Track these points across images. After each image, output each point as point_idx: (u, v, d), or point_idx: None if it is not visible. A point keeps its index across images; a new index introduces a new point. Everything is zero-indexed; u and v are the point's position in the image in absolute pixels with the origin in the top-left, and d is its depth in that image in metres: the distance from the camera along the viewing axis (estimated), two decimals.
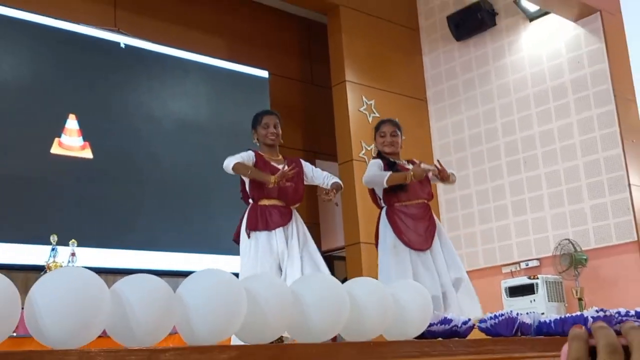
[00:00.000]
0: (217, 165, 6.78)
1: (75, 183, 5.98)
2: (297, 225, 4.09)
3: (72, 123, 6.02)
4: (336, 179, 4.32)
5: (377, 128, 4.58)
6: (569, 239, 6.55)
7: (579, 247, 6.46)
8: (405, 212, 4.30)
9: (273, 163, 4.15)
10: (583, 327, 0.66)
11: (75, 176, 5.99)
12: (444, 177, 4.35)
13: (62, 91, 6.07)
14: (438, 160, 4.55)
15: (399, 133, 4.49)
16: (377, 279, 2.79)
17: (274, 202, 4.02)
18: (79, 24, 6.31)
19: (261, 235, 3.94)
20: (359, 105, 7.33)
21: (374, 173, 4.31)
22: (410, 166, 4.40)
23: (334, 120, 7.30)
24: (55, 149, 5.88)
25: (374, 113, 7.40)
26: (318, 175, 4.29)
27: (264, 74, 7.46)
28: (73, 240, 4.93)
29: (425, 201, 4.41)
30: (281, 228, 3.98)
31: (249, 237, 3.95)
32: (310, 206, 7.33)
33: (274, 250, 3.94)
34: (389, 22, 7.83)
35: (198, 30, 7.27)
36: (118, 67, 6.48)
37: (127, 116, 6.44)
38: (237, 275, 3.88)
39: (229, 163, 3.97)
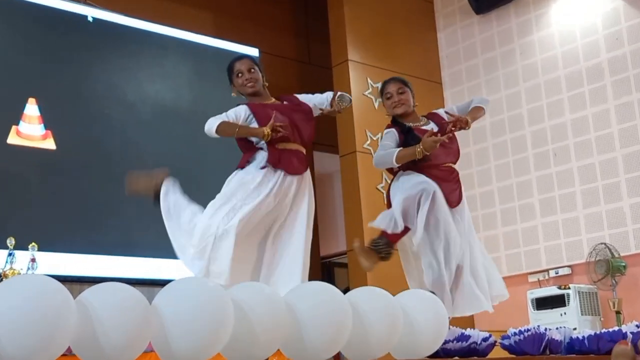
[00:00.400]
0: (201, 156, 6.81)
1: (36, 178, 5.96)
2: (307, 184, 4.11)
3: (31, 109, 6.00)
4: (342, 92, 4.36)
5: (381, 91, 4.53)
6: (605, 243, 6.54)
7: (616, 252, 6.46)
8: (428, 172, 4.18)
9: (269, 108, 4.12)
10: (629, 343, 0.66)
11: (36, 170, 5.97)
12: (464, 124, 4.20)
13: (20, 72, 6.05)
14: (446, 112, 4.46)
15: (408, 89, 4.42)
16: (385, 290, 2.78)
17: (292, 145, 4.02)
18: None
19: (276, 175, 3.92)
20: (364, 89, 7.33)
21: (382, 153, 4.29)
22: (430, 125, 4.32)
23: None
24: (12, 139, 5.87)
25: (381, 97, 7.38)
26: (320, 100, 4.26)
27: (255, 52, 7.42)
28: (33, 243, 4.93)
29: (452, 165, 4.31)
30: (294, 177, 4.00)
31: (262, 168, 3.93)
32: None
33: (284, 195, 3.94)
34: None
35: (179, 2, 7.24)
36: (85, 44, 6.46)
37: (96, 101, 6.43)
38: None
39: (211, 125, 3.93)
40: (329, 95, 4.25)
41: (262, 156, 3.96)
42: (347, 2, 7.43)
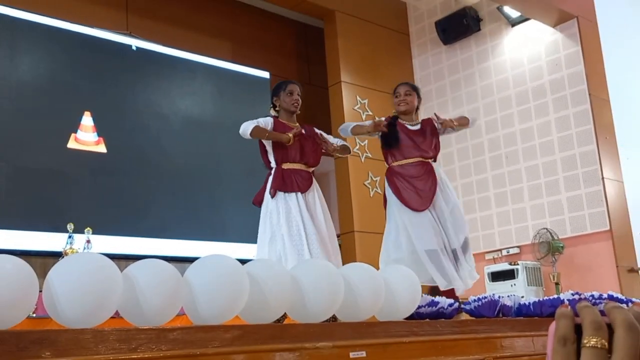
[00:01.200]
0: (222, 158, 6.82)
1: (90, 175, 5.97)
2: (317, 193, 3.98)
3: (87, 120, 6.01)
4: (346, 144, 4.28)
5: (393, 91, 4.46)
6: (546, 228, 6.55)
7: (556, 235, 6.47)
8: (402, 172, 4.14)
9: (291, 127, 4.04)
10: (569, 307, 0.66)
11: (90, 169, 5.97)
12: (448, 125, 4.19)
13: (78, 90, 6.05)
14: (435, 114, 4.37)
15: (415, 93, 4.35)
16: (371, 265, 2.78)
17: (297, 165, 3.88)
18: (94, 27, 6.28)
19: (288, 196, 3.79)
20: (354, 104, 7.32)
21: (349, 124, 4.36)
22: (416, 127, 4.27)
23: (330, 118, 7.27)
24: (71, 144, 5.87)
25: (367, 111, 7.38)
26: (331, 140, 4.18)
27: (265, 74, 7.44)
28: (88, 228, 4.92)
29: (422, 159, 4.22)
30: (302, 193, 3.84)
31: (273, 197, 3.78)
32: None
33: (300, 211, 3.78)
34: (381, 27, 7.82)
35: (204, 34, 7.24)
36: (130, 68, 6.46)
37: (138, 113, 6.43)
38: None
39: (247, 128, 3.77)
40: (338, 141, 4.18)
41: (269, 186, 3.83)
42: (341, 34, 7.41)
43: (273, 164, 3.88)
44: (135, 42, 6.51)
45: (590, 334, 0.63)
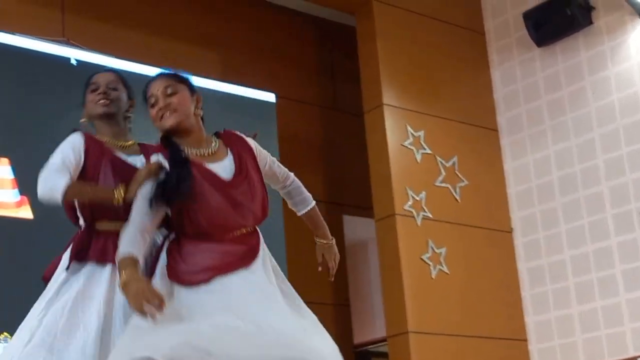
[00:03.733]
0: None
1: (9, 252, 5.93)
2: None
3: (4, 170, 6.03)
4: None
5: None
6: None
7: None
8: None
9: (119, 153, 3.74)
10: None
11: (9, 242, 5.96)
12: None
13: None
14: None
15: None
16: None
17: (116, 225, 3.53)
18: (14, 34, 6.36)
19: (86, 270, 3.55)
20: (403, 138, 7.30)
21: None
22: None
23: (368, 159, 7.26)
24: None
25: (424, 148, 7.36)
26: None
27: (270, 97, 7.46)
28: (5, 334, 4.90)
29: None
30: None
31: (67, 268, 3.58)
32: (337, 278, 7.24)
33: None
34: (442, 22, 7.89)
35: (181, 41, 7.33)
36: (68, 91, 6.47)
37: None
38: None
39: (54, 187, 3.43)
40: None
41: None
42: (381, 34, 7.44)
43: (82, 222, 3.68)
44: (75, 54, 6.57)
45: None
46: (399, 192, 7.07)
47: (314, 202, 3.92)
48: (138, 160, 3.69)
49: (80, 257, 3.55)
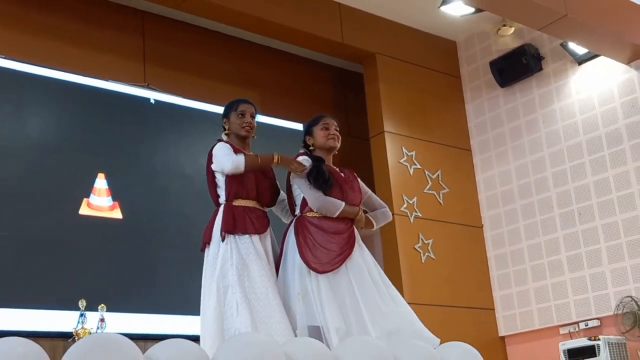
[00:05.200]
0: None
1: (104, 245, 5.99)
2: (271, 237, 3.81)
3: (101, 182, 6.08)
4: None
5: (317, 120, 4.17)
6: (631, 296, 6.39)
7: None
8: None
9: None
10: None
11: (104, 238, 6.01)
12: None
13: (90, 149, 6.14)
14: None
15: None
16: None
17: (250, 203, 3.74)
18: (108, 80, 6.43)
19: (239, 239, 3.62)
20: (399, 157, 7.33)
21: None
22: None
23: (373, 173, 7.28)
24: (83, 210, 5.93)
25: (415, 164, 7.39)
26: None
27: (299, 126, 7.47)
28: (102, 304, 4.95)
29: None
30: (258, 236, 3.68)
31: (223, 240, 3.63)
32: None
33: (261, 255, 3.62)
34: (428, 70, 7.87)
35: (229, 83, 7.29)
36: (148, 123, 6.56)
37: (157, 174, 6.49)
38: None
39: (239, 162, 3.64)
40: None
41: (218, 226, 3.68)
42: (382, 78, 7.48)
43: (222, 200, 3.75)
44: (153, 95, 6.65)
45: None
46: (396, 198, 7.10)
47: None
48: None
49: (230, 230, 3.62)
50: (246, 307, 3.41)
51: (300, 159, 3.87)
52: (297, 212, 3.84)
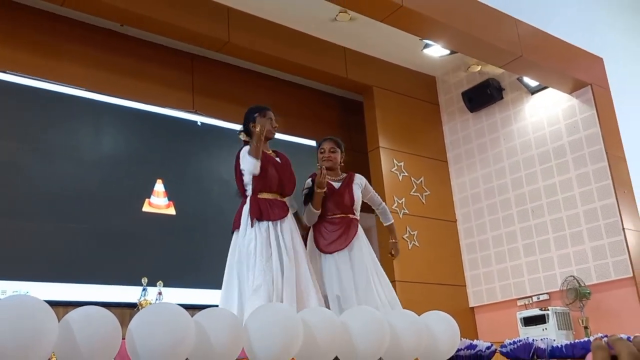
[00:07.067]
0: None
1: (161, 235, 6.03)
2: (293, 223, 3.65)
3: (159, 186, 6.12)
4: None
5: (318, 146, 4.16)
6: (573, 276, 6.35)
7: (582, 282, 6.26)
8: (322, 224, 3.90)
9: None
10: (603, 339, 0.65)
11: (161, 229, 6.04)
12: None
13: (151, 161, 6.19)
14: (391, 252, 4.28)
15: (339, 150, 4.05)
16: (412, 311, 2.73)
17: (272, 195, 3.61)
18: (165, 107, 6.47)
19: (262, 225, 3.51)
20: (391, 167, 7.33)
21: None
22: (339, 184, 3.99)
23: (370, 179, 7.27)
24: (145, 208, 5.97)
25: (404, 172, 7.39)
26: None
27: (312, 143, 7.50)
28: (160, 281, 4.97)
29: (342, 215, 3.99)
30: (278, 221, 3.54)
31: (252, 226, 3.53)
32: None
33: (276, 239, 3.51)
34: (414, 99, 7.86)
35: None
36: (195, 140, 6.60)
37: (202, 179, 6.52)
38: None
39: (250, 161, 3.53)
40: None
41: (246, 215, 3.54)
42: (378, 106, 7.48)
43: (249, 192, 3.65)
44: (200, 119, 6.68)
45: None
46: (389, 198, 7.10)
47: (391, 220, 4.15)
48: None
49: (259, 217, 3.54)
50: (262, 282, 3.33)
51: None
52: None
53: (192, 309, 4.93)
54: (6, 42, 5.73)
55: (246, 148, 3.68)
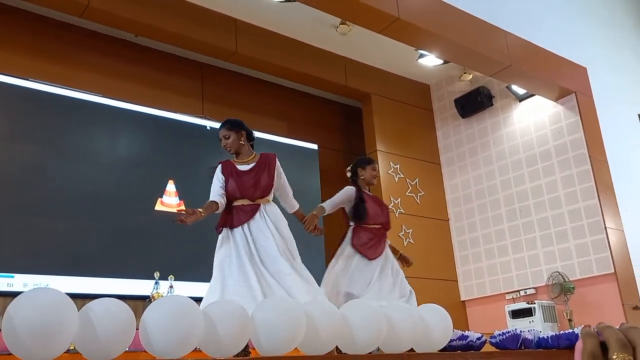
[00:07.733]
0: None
1: (173, 232, 5.99)
2: (266, 221, 3.46)
3: (171, 186, 6.11)
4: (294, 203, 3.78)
5: (365, 162, 4.16)
6: (558, 272, 6.35)
7: (567, 278, 6.26)
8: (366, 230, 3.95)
9: (238, 165, 3.66)
10: (592, 327, 0.65)
11: (173, 227, 5.98)
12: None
13: (163, 163, 6.18)
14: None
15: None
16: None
17: (242, 201, 3.51)
18: (176, 112, 6.46)
19: (230, 232, 3.45)
20: (388, 169, 7.32)
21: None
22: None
23: None
24: (158, 206, 5.96)
25: (400, 174, 7.39)
26: (284, 191, 3.71)
27: (314, 146, 7.51)
28: (171, 275, 4.97)
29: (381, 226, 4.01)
30: (245, 224, 3.40)
31: (219, 234, 3.50)
32: None
33: (246, 247, 3.39)
34: (410, 105, 7.86)
35: (266, 115, 7.31)
36: (204, 144, 6.58)
37: (210, 180, 6.50)
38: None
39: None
40: (294, 204, 3.82)
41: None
42: (376, 112, 7.47)
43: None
44: (209, 124, 6.66)
45: (617, 350, 0.61)
46: (386, 198, 7.08)
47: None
48: None
49: (222, 226, 3.54)
50: (236, 278, 3.33)
51: (348, 188, 3.97)
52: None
53: (201, 300, 4.95)
54: (30, 52, 5.75)
55: (219, 168, 3.66)
